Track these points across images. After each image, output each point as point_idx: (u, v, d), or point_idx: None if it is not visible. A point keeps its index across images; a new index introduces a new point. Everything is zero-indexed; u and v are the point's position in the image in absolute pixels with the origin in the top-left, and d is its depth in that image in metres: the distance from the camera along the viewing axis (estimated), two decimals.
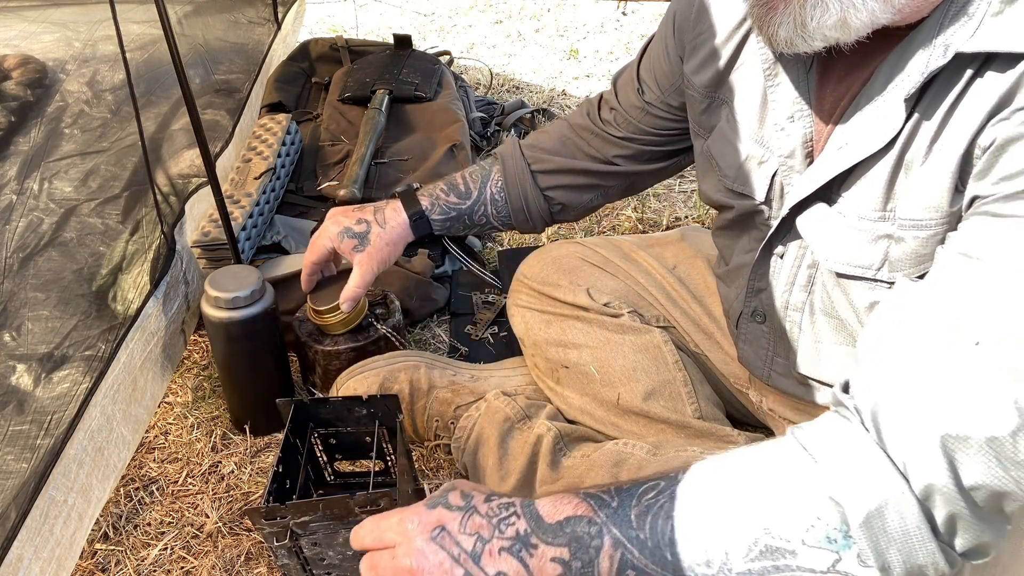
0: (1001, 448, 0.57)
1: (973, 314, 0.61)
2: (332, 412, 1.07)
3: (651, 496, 0.69)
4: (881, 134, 0.74)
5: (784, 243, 0.90)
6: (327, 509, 0.90)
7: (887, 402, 0.63)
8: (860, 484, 0.61)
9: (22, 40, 1.36)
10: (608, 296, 1.17)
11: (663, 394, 1.10)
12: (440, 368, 1.26)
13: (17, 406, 0.99)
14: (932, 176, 0.71)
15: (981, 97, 0.66)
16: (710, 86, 0.96)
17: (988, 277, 0.61)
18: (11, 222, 1.11)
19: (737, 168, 0.93)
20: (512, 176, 1.18)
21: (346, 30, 2.88)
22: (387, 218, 1.18)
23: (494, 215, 1.21)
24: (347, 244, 1.16)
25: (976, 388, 0.59)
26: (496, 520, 0.70)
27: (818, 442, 0.65)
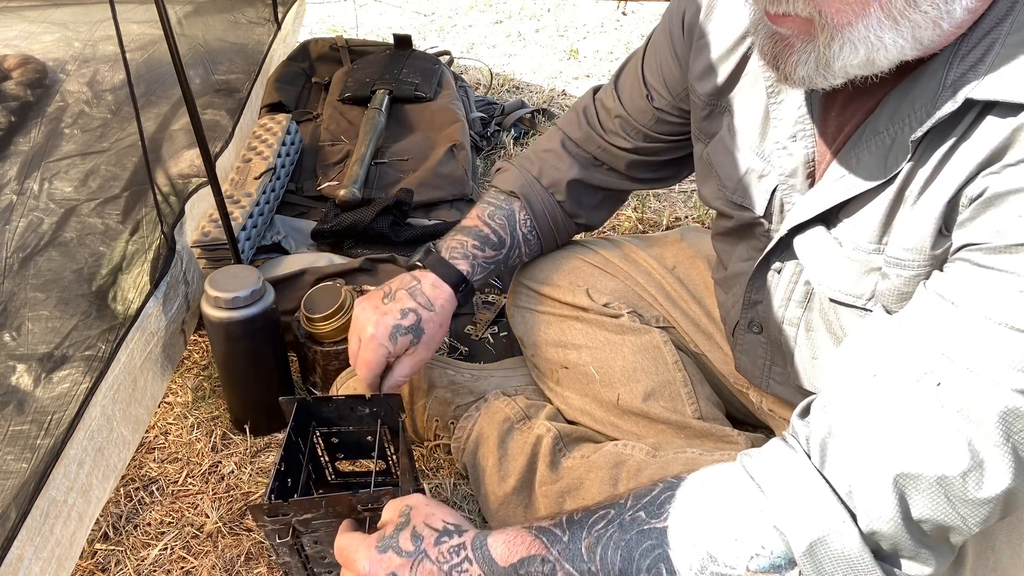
0: (950, 487, 0.61)
1: (939, 356, 0.63)
2: (334, 411, 1.07)
3: (601, 527, 0.72)
4: (879, 170, 0.73)
5: (782, 260, 0.90)
6: (329, 507, 0.90)
7: (840, 434, 0.67)
8: (803, 515, 0.65)
9: (22, 40, 1.36)
10: (608, 296, 1.17)
11: (663, 394, 1.10)
12: (440, 368, 1.26)
13: (17, 406, 0.99)
14: (920, 218, 0.71)
15: (978, 144, 0.65)
16: (713, 94, 0.95)
17: (960, 323, 0.63)
18: (11, 222, 1.11)
19: (737, 180, 0.92)
20: (540, 212, 1.16)
21: (346, 30, 2.88)
22: (432, 299, 1.07)
23: (527, 254, 1.19)
24: (402, 343, 1.05)
25: (931, 428, 0.62)
26: (448, 567, 0.72)
27: (765, 473, 0.69)
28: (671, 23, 1.01)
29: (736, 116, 0.92)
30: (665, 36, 1.03)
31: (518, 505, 1.08)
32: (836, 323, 0.87)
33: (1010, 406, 0.59)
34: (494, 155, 2.09)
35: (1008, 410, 0.60)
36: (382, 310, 1.05)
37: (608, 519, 0.72)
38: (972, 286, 0.63)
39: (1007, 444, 0.60)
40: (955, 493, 0.62)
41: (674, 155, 1.11)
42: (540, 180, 1.15)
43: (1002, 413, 0.60)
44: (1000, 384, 0.60)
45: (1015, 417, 0.60)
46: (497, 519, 1.10)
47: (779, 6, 0.65)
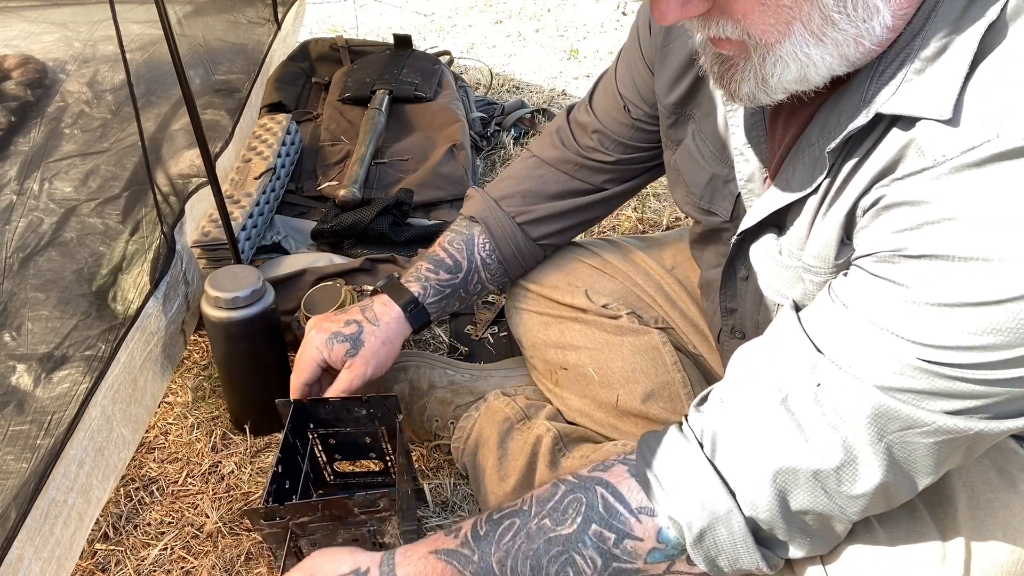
0: (826, 481, 0.68)
1: (824, 356, 0.67)
2: (332, 412, 1.07)
3: (508, 539, 0.77)
4: (808, 180, 0.75)
5: (746, 266, 0.90)
6: (326, 510, 0.90)
7: (731, 427, 0.72)
8: (695, 505, 0.72)
9: (22, 40, 1.36)
10: (607, 297, 1.17)
11: (662, 395, 1.10)
12: (440, 368, 1.26)
13: (17, 406, 0.99)
14: (827, 227, 0.74)
15: (878, 157, 0.67)
16: (677, 103, 0.96)
17: (847, 325, 0.66)
18: (11, 222, 1.11)
19: (703, 186, 0.94)
20: (500, 236, 1.14)
21: (346, 30, 2.88)
22: (379, 315, 1.08)
23: (488, 279, 1.17)
24: (337, 351, 1.05)
25: (809, 426, 0.67)
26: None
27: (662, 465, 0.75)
28: (640, 33, 1.02)
29: (699, 123, 0.93)
30: (635, 47, 1.03)
31: None
32: None
33: (883, 407, 0.63)
34: (494, 155, 2.09)
35: (881, 410, 0.64)
36: (328, 319, 1.08)
37: (515, 530, 0.77)
38: (861, 292, 0.66)
39: (880, 443, 0.65)
40: (831, 487, 0.68)
41: (654, 162, 1.12)
42: (502, 204, 1.15)
43: (875, 413, 0.64)
44: (876, 386, 0.63)
45: (888, 418, 0.64)
46: None
47: (712, 30, 0.67)
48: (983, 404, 0.62)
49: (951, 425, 0.62)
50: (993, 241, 0.57)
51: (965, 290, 0.59)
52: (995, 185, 0.58)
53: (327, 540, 0.92)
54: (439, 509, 1.16)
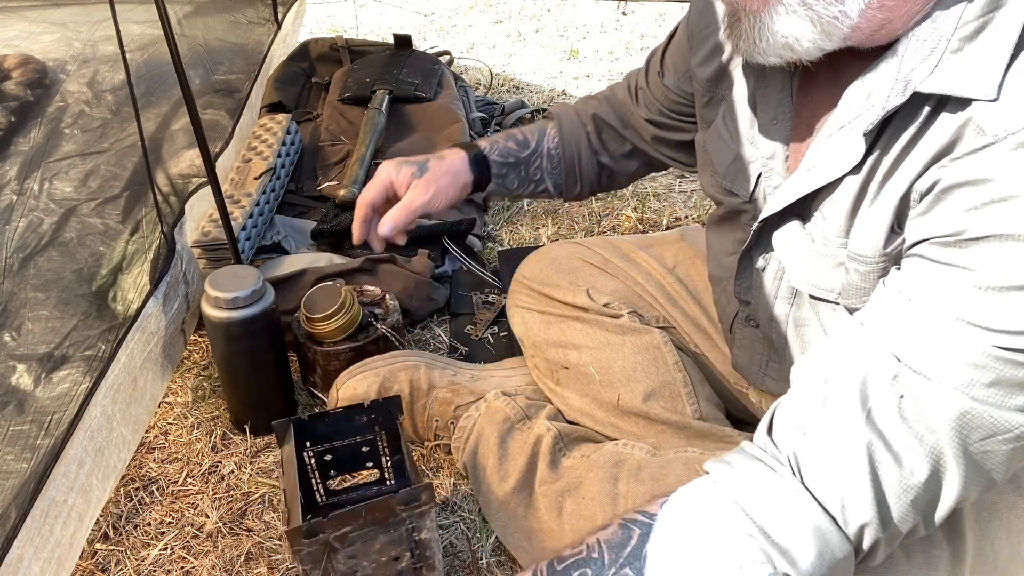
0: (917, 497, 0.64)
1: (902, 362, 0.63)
2: (332, 425, 1.05)
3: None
4: (842, 163, 0.74)
5: (764, 255, 0.90)
6: (370, 515, 0.88)
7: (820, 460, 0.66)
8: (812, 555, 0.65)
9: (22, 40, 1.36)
10: (608, 297, 1.17)
11: (663, 395, 1.10)
12: (440, 368, 1.26)
13: (17, 406, 0.99)
14: (877, 213, 0.72)
15: (931, 139, 0.66)
16: (711, 81, 0.96)
17: (915, 320, 0.63)
18: (11, 222, 1.11)
19: (727, 165, 0.93)
20: (568, 135, 1.18)
21: (346, 30, 2.88)
22: (445, 154, 1.13)
23: (548, 170, 1.19)
24: (404, 173, 1.08)
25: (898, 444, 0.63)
26: None
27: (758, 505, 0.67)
28: (691, 8, 1.02)
29: (730, 103, 0.93)
30: (685, 18, 1.04)
31: (518, 505, 1.08)
32: (817, 321, 0.87)
33: (967, 413, 0.60)
34: None
35: (965, 419, 0.61)
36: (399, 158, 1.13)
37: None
38: (925, 281, 0.63)
39: (963, 455, 0.62)
40: (921, 502, 0.65)
41: (686, 137, 1.11)
42: (578, 110, 1.19)
43: (959, 422, 0.61)
44: (957, 387, 0.60)
45: (971, 427, 0.61)
46: (497, 519, 1.10)
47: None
48: None
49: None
50: None
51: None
52: None
53: (365, 548, 0.90)
54: (440, 509, 1.16)
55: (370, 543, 0.90)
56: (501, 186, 1.17)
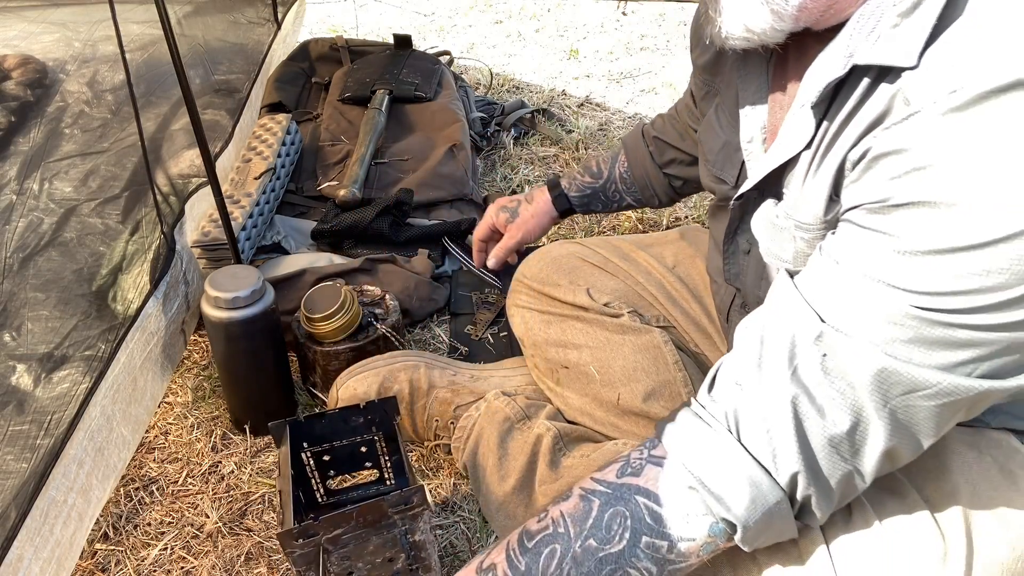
0: (840, 446, 0.68)
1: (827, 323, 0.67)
2: (328, 426, 1.05)
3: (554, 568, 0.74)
4: (798, 139, 0.77)
5: (748, 239, 0.92)
6: (361, 517, 0.88)
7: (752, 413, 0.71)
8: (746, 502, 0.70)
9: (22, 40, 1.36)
10: (608, 296, 1.17)
11: (663, 394, 1.10)
12: (440, 368, 1.26)
13: (17, 406, 0.99)
14: (818, 182, 0.75)
15: (866, 111, 0.69)
16: (708, 74, 0.99)
17: (841, 281, 0.66)
18: (11, 222, 1.11)
19: (716, 153, 0.97)
20: (633, 156, 1.33)
21: (346, 30, 2.88)
22: (534, 197, 1.41)
23: (624, 190, 1.36)
24: (501, 218, 1.44)
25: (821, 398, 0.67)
26: None
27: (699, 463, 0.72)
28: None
29: (722, 96, 0.96)
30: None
31: (518, 504, 1.08)
32: None
33: (885, 370, 0.63)
34: (494, 155, 2.08)
35: (883, 375, 0.63)
36: (501, 202, 1.47)
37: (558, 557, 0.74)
38: (851, 246, 0.66)
39: (884, 408, 0.65)
40: (845, 452, 0.68)
41: None
42: (644, 133, 1.32)
43: (878, 378, 0.64)
44: (875, 344, 0.63)
45: (890, 383, 0.64)
46: (497, 519, 1.10)
47: None
48: (983, 354, 0.61)
49: (953, 384, 0.62)
50: (977, 184, 0.58)
51: (952, 235, 0.59)
52: (977, 127, 0.58)
53: (358, 549, 0.90)
54: (439, 509, 1.16)
55: (363, 545, 0.90)
56: (587, 209, 1.41)
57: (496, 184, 1.97)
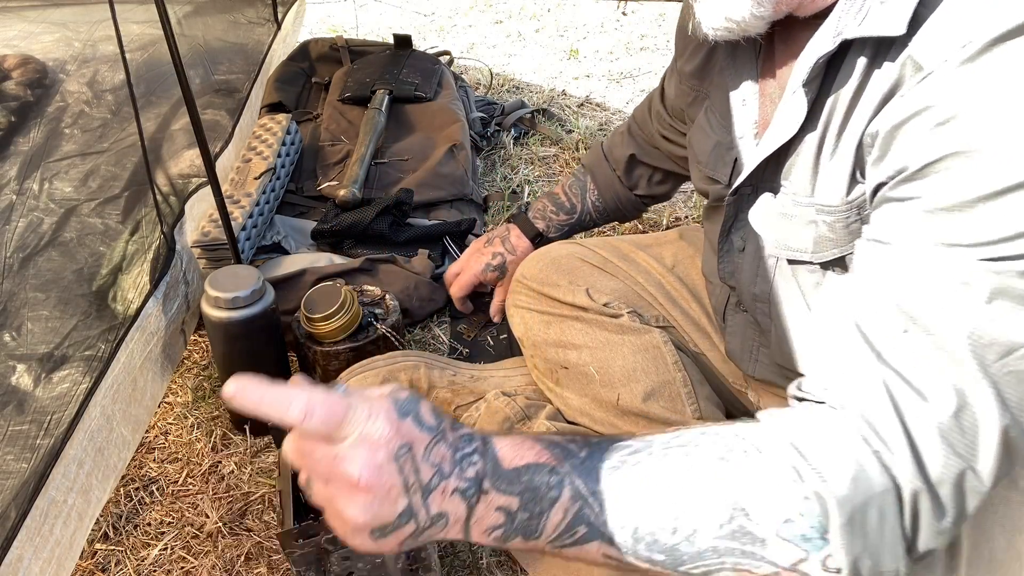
0: (951, 435, 0.58)
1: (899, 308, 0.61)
2: None
3: (624, 453, 0.64)
4: (792, 121, 0.77)
5: (743, 235, 0.93)
6: None
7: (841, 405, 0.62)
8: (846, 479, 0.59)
9: (22, 40, 1.36)
10: (607, 296, 1.17)
11: (663, 395, 1.10)
12: (440, 368, 1.26)
13: (17, 406, 0.99)
14: (837, 164, 0.75)
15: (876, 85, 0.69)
16: (695, 79, 1.00)
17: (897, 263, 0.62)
18: (11, 222, 1.11)
19: (708, 154, 0.97)
20: (603, 184, 1.35)
21: (346, 30, 2.88)
22: (515, 246, 1.40)
23: (599, 218, 1.40)
24: (490, 276, 1.42)
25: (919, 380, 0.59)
26: (459, 456, 0.62)
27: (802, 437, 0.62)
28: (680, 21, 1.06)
29: (712, 99, 0.97)
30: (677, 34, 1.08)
31: None
32: (797, 289, 0.89)
33: (970, 332, 0.58)
34: (494, 155, 2.09)
35: (971, 338, 0.58)
36: (481, 251, 1.43)
37: (633, 449, 0.64)
38: (895, 221, 0.64)
39: (985, 379, 0.58)
40: (956, 441, 0.59)
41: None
42: (608, 156, 1.34)
43: (966, 345, 0.58)
44: (956, 313, 0.58)
45: (982, 347, 0.58)
46: None
47: None
48: None
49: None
50: (1006, 123, 0.57)
51: (994, 178, 0.57)
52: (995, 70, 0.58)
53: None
54: None
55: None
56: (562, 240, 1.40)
57: (496, 184, 1.97)
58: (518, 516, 0.61)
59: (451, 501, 0.60)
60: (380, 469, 0.58)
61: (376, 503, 0.58)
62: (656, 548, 0.61)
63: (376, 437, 0.58)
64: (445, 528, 0.61)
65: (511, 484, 0.62)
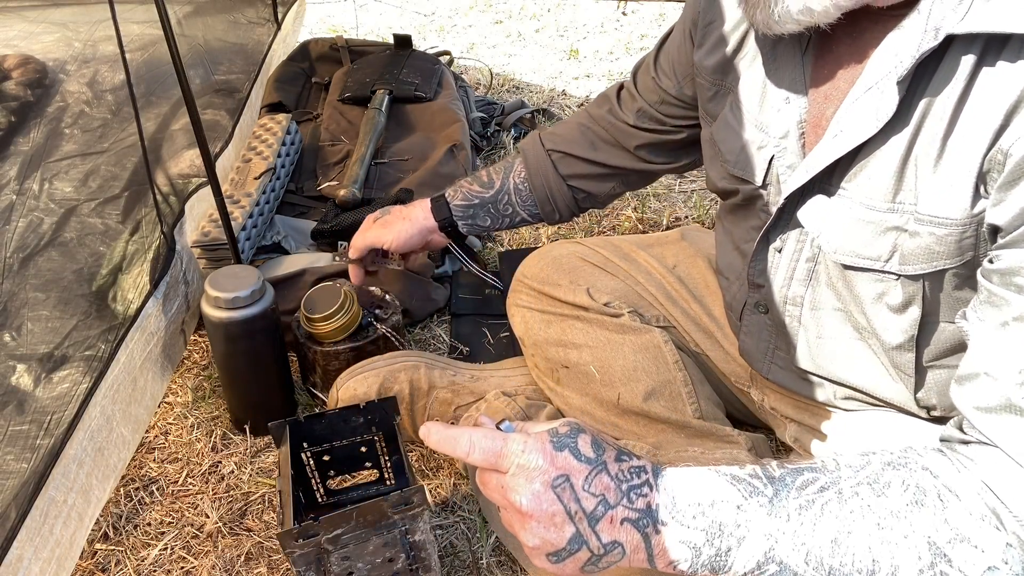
0: None
1: None
2: (328, 426, 1.04)
3: (812, 491, 0.64)
4: (874, 120, 0.73)
5: (782, 236, 0.90)
6: (361, 517, 0.88)
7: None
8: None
9: (22, 40, 1.36)
10: (608, 296, 1.17)
11: (663, 394, 1.10)
12: (440, 368, 1.26)
13: (17, 406, 0.99)
14: (951, 174, 0.70)
15: (994, 89, 0.65)
16: (717, 73, 0.97)
17: None
18: (11, 222, 1.11)
19: (737, 152, 0.94)
20: (534, 167, 1.22)
21: (346, 30, 2.88)
22: (413, 203, 1.29)
23: (519, 204, 1.24)
24: (371, 216, 1.30)
25: None
26: (626, 487, 0.64)
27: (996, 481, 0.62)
28: (686, 9, 1.03)
29: (739, 90, 0.93)
30: (680, 21, 1.05)
31: None
32: (848, 294, 0.86)
33: None
34: (494, 155, 2.08)
35: None
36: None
37: (819, 485, 0.64)
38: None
39: None
40: None
41: (680, 138, 1.13)
42: (544, 140, 1.22)
43: None
44: None
45: None
46: (497, 519, 1.10)
47: None
48: None
49: None
50: None
51: None
52: None
53: (358, 550, 0.90)
54: (439, 509, 1.16)
55: (363, 545, 0.90)
56: (474, 225, 1.26)
57: None
58: (704, 551, 0.63)
59: (623, 530, 0.63)
60: (538, 497, 0.63)
61: (542, 529, 0.63)
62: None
63: (531, 468, 0.64)
64: (624, 557, 0.64)
65: (695, 519, 0.63)
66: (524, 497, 0.63)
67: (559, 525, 0.63)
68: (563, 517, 0.63)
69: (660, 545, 0.63)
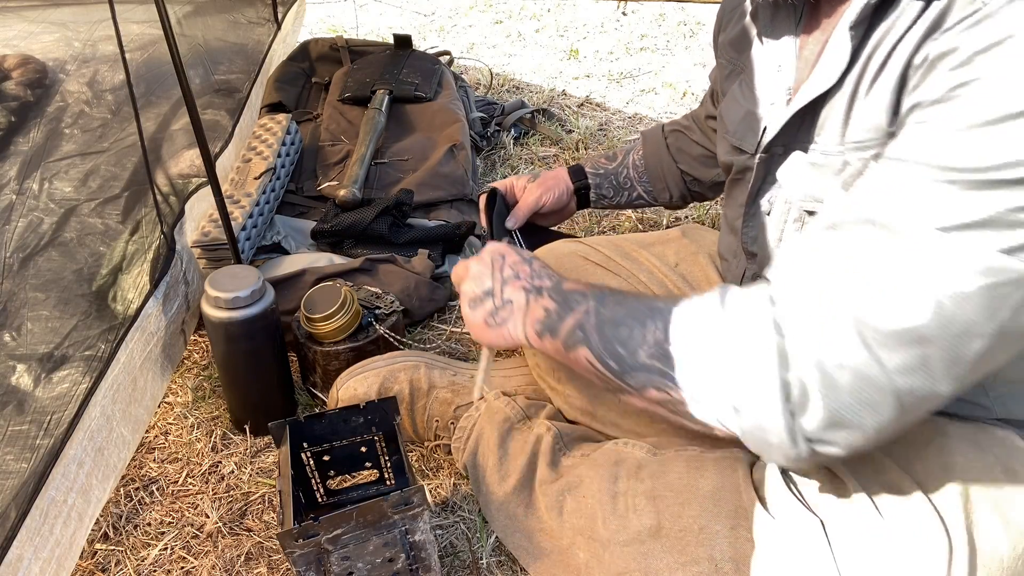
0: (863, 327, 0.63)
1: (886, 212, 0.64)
2: (328, 426, 1.05)
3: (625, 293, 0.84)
4: (834, 69, 0.77)
5: (769, 198, 0.93)
6: (361, 517, 0.88)
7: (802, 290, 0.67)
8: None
9: (22, 40, 1.36)
10: None
11: None
12: (440, 368, 1.26)
13: (17, 406, 0.99)
14: (876, 98, 0.74)
15: (922, 18, 0.68)
16: (733, 50, 1.02)
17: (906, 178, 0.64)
18: (11, 222, 1.11)
19: (738, 123, 0.98)
20: (651, 145, 1.38)
21: (346, 30, 2.88)
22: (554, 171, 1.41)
23: (636, 179, 1.39)
24: (521, 180, 1.39)
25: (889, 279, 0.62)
26: (535, 274, 0.90)
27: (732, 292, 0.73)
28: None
29: (746, 71, 0.98)
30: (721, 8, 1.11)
31: (519, 505, 1.08)
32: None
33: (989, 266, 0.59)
34: (494, 155, 2.08)
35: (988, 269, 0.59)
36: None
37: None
38: (918, 141, 0.64)
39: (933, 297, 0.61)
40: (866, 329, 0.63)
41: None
42: (664, 124, 1.37)
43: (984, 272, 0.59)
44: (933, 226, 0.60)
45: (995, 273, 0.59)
46: (497, 519, 1.09)
47: None
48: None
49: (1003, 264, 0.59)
50: None
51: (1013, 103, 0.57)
52: None
53: (358, 550, 0.91)
54: (439, 509, 1.16)
55: (363, 545, 0.90)
56: (600, 194, 1.40)
57: None
58: (552, 315, 0.85)
59: (518, 293, 0.89)
60: (480, 260, 0.94)
61: (473, 283, 0.93)
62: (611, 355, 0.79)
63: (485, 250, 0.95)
64: (511, 313, 0.89)
65: (558, 295, 0.86)
66: (472, 262, 0.94)
67: (482, 279, 0.92)
68: (487, 275, 0.92)
69: (532, 307, 0.87)
